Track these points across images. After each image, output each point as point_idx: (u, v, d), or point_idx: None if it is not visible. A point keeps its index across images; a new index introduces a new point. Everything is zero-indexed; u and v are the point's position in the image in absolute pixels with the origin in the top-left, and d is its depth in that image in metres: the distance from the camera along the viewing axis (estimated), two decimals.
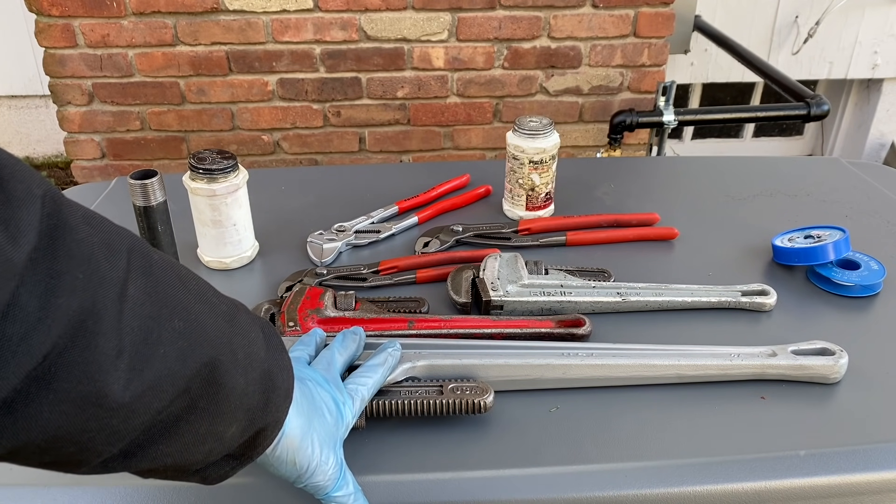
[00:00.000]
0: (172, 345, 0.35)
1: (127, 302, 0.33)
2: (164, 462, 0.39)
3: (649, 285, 0.74)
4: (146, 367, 0.34)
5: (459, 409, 0.55)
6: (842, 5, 2.58)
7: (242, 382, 0.40)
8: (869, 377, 0.63)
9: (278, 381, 0.43)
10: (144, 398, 0.34)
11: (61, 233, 0.31)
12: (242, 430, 0.41)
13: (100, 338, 0.32)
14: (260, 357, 0.42)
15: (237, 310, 0.43)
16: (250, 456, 0.43)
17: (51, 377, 0.30)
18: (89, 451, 0.35)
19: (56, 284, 0.30)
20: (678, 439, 0.56)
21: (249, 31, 1.89)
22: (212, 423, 0.39)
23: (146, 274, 0.35)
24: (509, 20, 1.91)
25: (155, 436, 0.36)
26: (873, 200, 0.96)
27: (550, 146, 0.87)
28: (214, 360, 0.38)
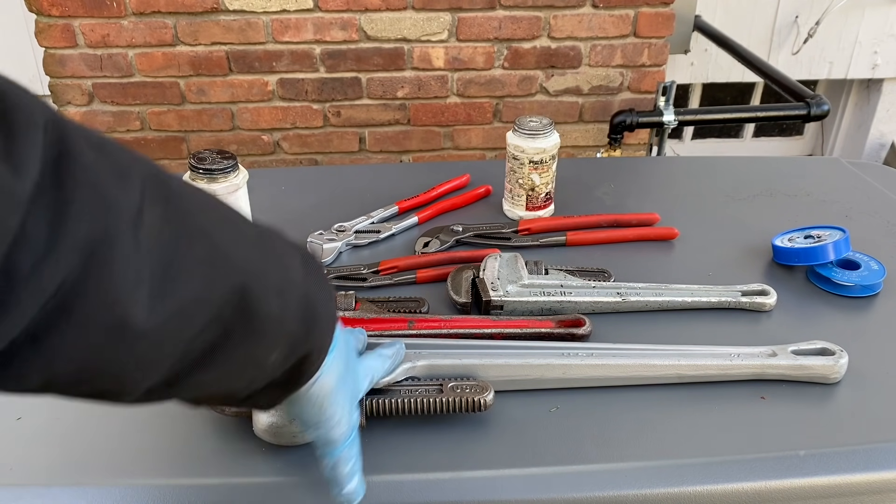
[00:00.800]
0: (196, 271, 0.35)
1: (142, 229, 0.32)
2: (207, 391, 0.39)
3: (649, 285, 0.74)
4: (168, 295, 0.33)
5: (459, 408, 0.55)
6: (842, 5, 2.58)
7: (278, 308, 0.39)
8: (869, 377, 0.63)
9: (320, 307, 0.42)
10: (171, 326, 0.34)
11: (66, 161, 0.30)
12: (284, 357, 0.41)
13: (114, 266, 0.31)
14: (297, 283, 0.41)
15: (270, 236, 0.42)
16: (296, 383, 0.43)
17: (69, 307, 0.30)
18: (125, 381, 0.35)
19: (63, 213, 0.29)
20: (678, 439, 0.56)
21: (249, 31, 1.89)
22: (249, 350, 0.38)
23: (164, 201, 0.34)
24: (509, 20, 1.91)
25: (193, 364, 0.36)
26: (873, 200, 0.96)
27: (550, 146, 0.87)
28: (244, 286, 0.37)
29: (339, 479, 0.48)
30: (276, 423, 0.53)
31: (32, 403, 0.60)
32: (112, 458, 0.54)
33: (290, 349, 0.41)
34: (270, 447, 0.54)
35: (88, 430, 0.57)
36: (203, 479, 0.52)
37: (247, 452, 0.54)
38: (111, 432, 0.57)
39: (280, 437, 0.53)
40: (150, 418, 0.58)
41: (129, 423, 0.58)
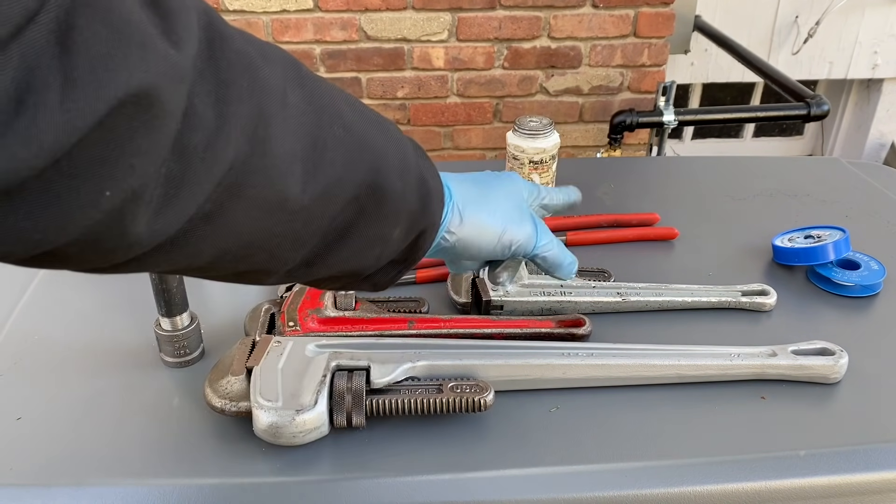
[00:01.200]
0: (337, 151, 0.37)
1: (289, 109, 0.34)
2: (340, 268, 0.41)
3: (649, 285, 0.74)
4: (318, 172, 0.36)
5: (459, 408, 0.55)
6: (842, 5, 2.58)
7: (401, 186, 0.41)
8: (869, 377, 0.63)
9: (431, 185, 0.45)
10: (321, 202, 0.36)
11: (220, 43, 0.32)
12: (406, 233, 0.43)
13: (273, 143, 0.33)
14: (413, 163, 0.44)
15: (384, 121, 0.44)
16: (413, 259, 0.46)
17: (239, 184, 0.32)
18: (277, 259, 0.37)
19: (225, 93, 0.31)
20: (678, 439, 0.56)
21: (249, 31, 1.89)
22: (379, 226, 0.41)
23: (301, 84, 0.36)
24: (509, 20, 1.91)
25: (331, 242, 0.39)
26: (873, 200, 0.96)
27: (550, 146, 0.87)
28: (376, 166, 0.39)
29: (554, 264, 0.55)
30: (276, 423, 0.53)
31: (32, 403, 0.60)
32: (112, 458, 0.54)
33: (410, 225, 0.43)
34: (270, 447, 0.54)
35: (88, 430, 0.57)
36: (203, 479, 0.52)
37: (247, 452, 0.54)
38: (111, 432, 0.57)
39: (280, 437, 0.53)
40: (150, 418, 0.58)
41: (129, 422, 0.58)
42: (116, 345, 0.66)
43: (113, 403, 0.60)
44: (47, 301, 0.73)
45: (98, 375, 0.63)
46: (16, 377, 0.63)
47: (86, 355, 0.65)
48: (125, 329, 0.69)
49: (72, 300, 0.73)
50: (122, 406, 0.60)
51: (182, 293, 0.61)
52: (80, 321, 0.70)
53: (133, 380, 0.63)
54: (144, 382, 0.62)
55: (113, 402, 0.60)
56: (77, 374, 0.63)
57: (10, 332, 0.69)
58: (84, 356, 0.65)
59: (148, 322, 0.64)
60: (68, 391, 0.61)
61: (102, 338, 0.67)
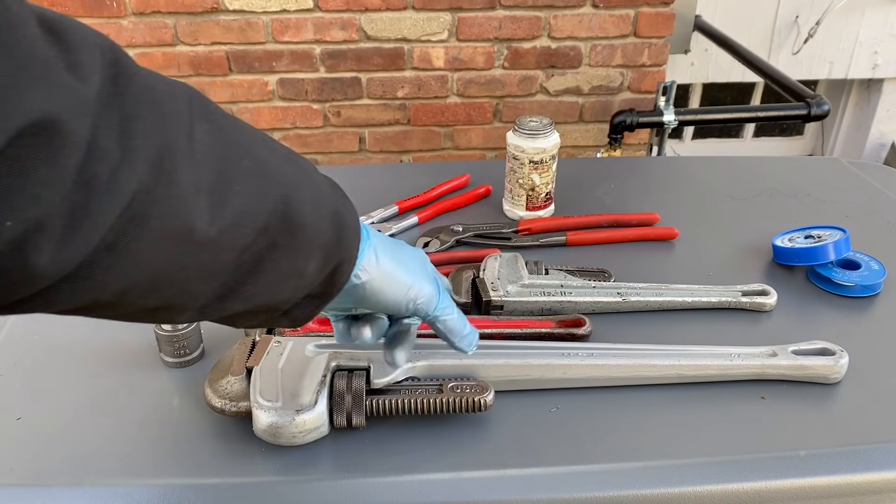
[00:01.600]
0: (245, 183, 0.37)
1: (196, 143, 0.35)
2: (255, 303, 0.41)
3: (649, 285, 0.74)
4: (226, 204, 0.36)
5: (459, 408, 0.55)
6: (842, 5, 2.58)
7: (314, 219, 0.42)
8: (869, 377, 0.63)
9: (347, 219, 0.45)
10: (229, 234, 0.36)
11: (125, 78, 0.32)
12: (321, 266, 0.44)
13: (179, 175, 0.33)
14: (326, 196, 0.44)
15: (295, 154, 0.44)
16: (330, 293, 0.46)
17: (143, 215, 0.32)
18: (187, 293, 0.37)
19: (130, 126, 0.31)
20: (678, 439, 0.56)
21: (249, 31, 1.89)
22: (292, 259, 0.41)
23: (208, 119, 0.37)
24: (509, 20, 1.91)
25: (244, 274, 0.39)
26: (873, 200, 0.96)
27: (550, 146, 0.87)
28: (287, 197, 0.40)
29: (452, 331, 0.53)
30: (276, 423, 0.53)
31: (32, 403, 0.60)
32: (112, 458, 0.54)
33: (325, 258, 0.44)
34: (270, 447, 0.54)
35: (88, 430, 0.57)
36: (203, 479, 0.52)
37: (247, 452, 0.54)
38: (111, 432, 0.57)
39: (280, 437, 0.53)
40: (150, 418, 0.58)
41: (129, 422, 0.58)
42: (116, 345, 0.66)
43: (113, 403, 0.60)
44: None
45: (98, 375, 0.63)
46: (16, 377, 0.63)
47: (86, 355, 0.65)
48: (125, 329, 0.68)
49: None
50: (122, 406, 0.60)
51: None
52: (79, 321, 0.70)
53: (133, 380, 0.63)
54: (144, 382, 0.62)
55: (113, 402, 0.60)
56: (77, 374, 0.63)
57: (10, 332, 0.69)
58: (84, 356, 0.65)
59: None
60: (68, 391, 0.61)
61: (102, 338, 0.67)
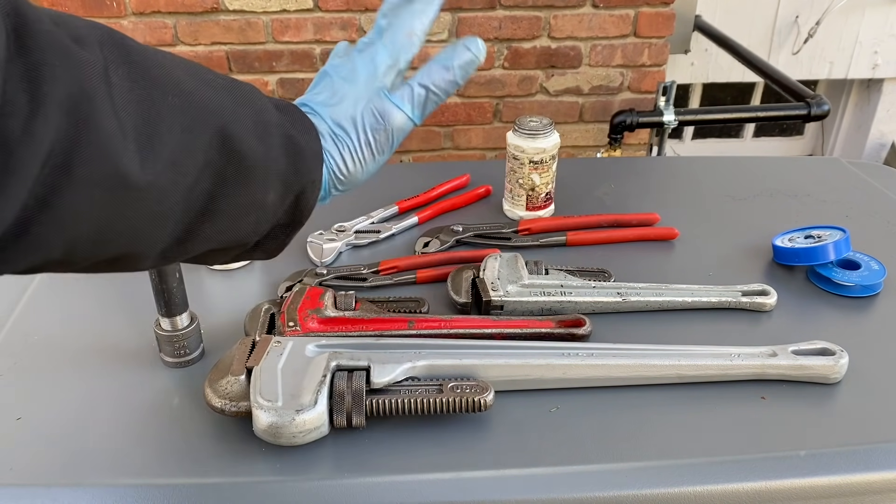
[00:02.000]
0: (174, 120, 0.36)
1: (113, 87, 0.34)
2: (218, 241, 0.40)
3: (649, 285, 0.74)
4: (156, 144, 0.35)
5: (459, 408, 0.55)
6: (842, 5, 2.58)
7: (261, 148, 0.40)
8: (869, 377, 0.63)
9: (302, 142, 0.43)
10: (167, 175, 0.35)
11: (26, 28, 0.31)
12: (281, 196, 0.42)
13: (99, 121, 0.32)
14: (274, 123, 0.42)
15: (238, 84, 0.43)
16: (299, 220, 0.45)
17: (67, 164, 0.31)
18: (141, 241, 0.36)
19: (37, 75, 0.30)
20: (678, 439, 0.56)
21: (249, 31, 1.89)
22: (246, 192, 0.40)
23: (125, 62, 0.35)
24: (509, 20, 1.91)
25: (199, 215, 0.38)
26: (873, 200, 0.96)
27: (550, 146, 0.87)
28: (224, 129, 0.38)
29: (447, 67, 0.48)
30: (276, 423, 0.53)
31: (32, 403, 0.60)
32: (112, 458, 0.54)
33: (285, 187, 0.42)
34: (270, 447, 0.54)
35: (88, 430, 0.57)
36: (203, 479, 0.52)
37: (247, 452, 0.54)
38: (111, 432, 0.57)
39: (280, 437, 0.53)
40: (150, 418, 0.58)
41: (128, 423, 0.58)
42: (116, 345, 0.66)
43: (113, 403, 0.60)
44: (47, 301, 0.73)
45: (98, 375, 0.63)
46: (16, 377, 0.63)
47: (86, 355, 0.65)
48: (125, 329, 0.69)
49: (72, 300, 0.73)
50: (122, 406, 0.60)
51: (182, 293, 0.61)
52: (80, 321, 0.70)
53: (133, 380, 0.63)
54: (144, 382, 0.62)
55: (113, 402, 0.60)
56: (77, 374, 0.63)
57: (10, 332, 0.69)
58: (84, 356, 0.65)
59: (148, 322, 0.64)
60: (68, 391, 0.61)
61: (102, 338, 0.67)
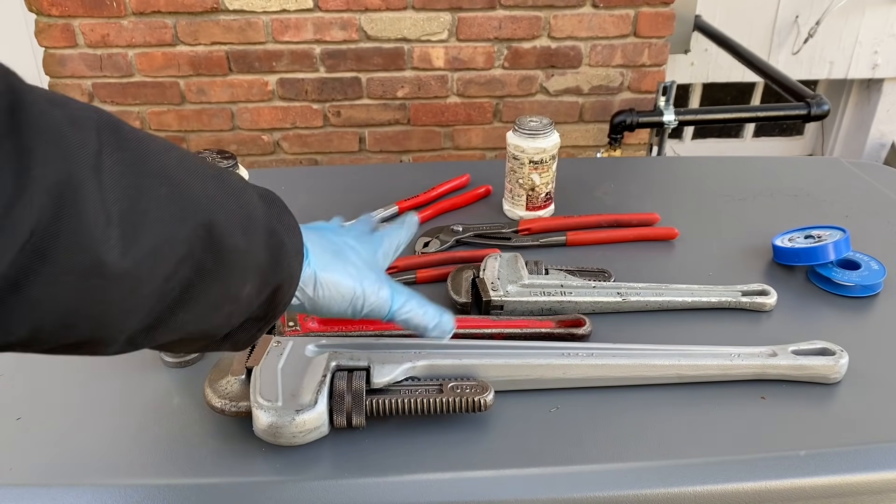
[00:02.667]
0: (163, 210, 0.36)
1: (104, 173, 0.33)
2: (187, 330, 0.40)
3: (649, 285, 0.74)
4: (140, 234, 0.34)
5: (459, 408, 0.55)
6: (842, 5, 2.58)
7: (244, 241, 0.40)
8: (869, 377, 0.63)
9: (284, 238, 0.44)
10: (147, 264, 0.35)
11: (20, 109, 0.31)
12: (258, 289, 0.42)
13: (83, 206, 0.32)
14: (259, 216, 0.42)
15: (226, 175, 0.42)
16: (273, 315, 0.45)
17: (45, 250, 0.31)
18: (108, 327, 0.36)
19: (27, 159, 0.30)
20: (678, 439, 0.56)
21: (249, 30, 1.89)
22: (223, 284, 0.39)
23: (120, 147, 0.35)
24: (509, 20, 1.91)
25: (172, 304, 0.37)
26: (873, 200, 0.96)
27: (550, 146, 0.87)
28: (210, 221, 0.38)
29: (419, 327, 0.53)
30: (276, 423, 0.53)
31: (32, 403, 0.60)
32: (112, 458, 0.54)
33: (262, 281, 0.42)
34: (270, 447, 0.54)
35: (88, 430, 0.57)
36: (203, 479, 0.52)
37: (247, 452, 0.54)
38: (111, 432, 0.57)
39: (280, 437, 0.53)
40: (150, 418, 0.58)
41: (128, 423, 0.58)
42: None
43: (113, 403, 0.60)
44: None
45: (98, 375, 0.63)
46: (16, 377, 0.63)
47: None
48: None
49: None
50: (122, 406, 0.60)
51: None
52: None
53: (133, 380, 0.63)
54: (144, 382, 0.62)
55: (113, 402, 0.60)
56: (77, 374, 0.63)
57: None
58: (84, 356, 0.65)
59: None
60: (68, 391, 0.61)
61: None
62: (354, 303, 0.49)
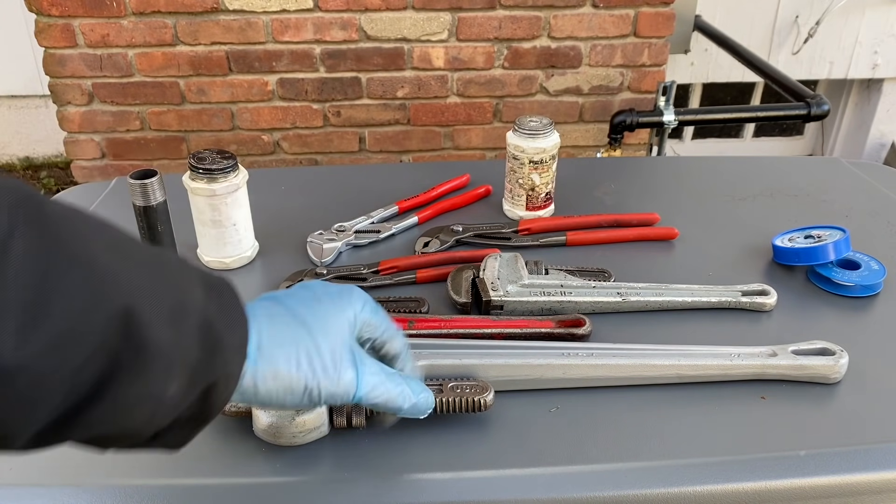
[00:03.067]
0: (73, 298, 0.32)
1: (9, 257, 0.30)
2: (102, 430, 0.36)
3: (649, 285, 0.74)
4: (42, 325, 0.31)
5: (459, 408, 0.55)
6: (842, 5, 2.58)
7: (170, 335, 0.36)
8: (869, 377, 0.63)
9: (224, 332, 0.39)
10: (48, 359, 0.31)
11: None
12: (185, 389, 0.37)
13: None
14: (195, 307, 0.38)
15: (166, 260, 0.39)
16: (206, 416, 0.40)
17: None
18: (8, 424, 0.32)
19: None
20: (678, 439, 0.56)
21: (249, 30, 1.89)
22: (142, 382, 0.35)
23: (37, 228, 0.32)
24: (509, 20, 1.91)
25: (81, 402, 0.33)
26: (873, 200, 0.96)
27: (550, 146, 0.87)
28: (130, 310, 0.34)
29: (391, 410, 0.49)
30: (276, 424, 0.53)
31: None
32: (112, 458, 0.54)
33: (190, 380, 0.37)
34: (270, 447, 0.54)
35: None
36: (203, 479, 0.52)
37: (247, 452, 0.54)
38: None
39: (280, 437, 0.53)
40: None
41: None
42: None
43: None
44: None
45: None
46: None
47: None
48: None
49: None
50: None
51: None
52: None
53: None
54: None
55: None
56: None
57: None
58: None
59: None
60: None
61: None
62: (309, 395, 0.44)
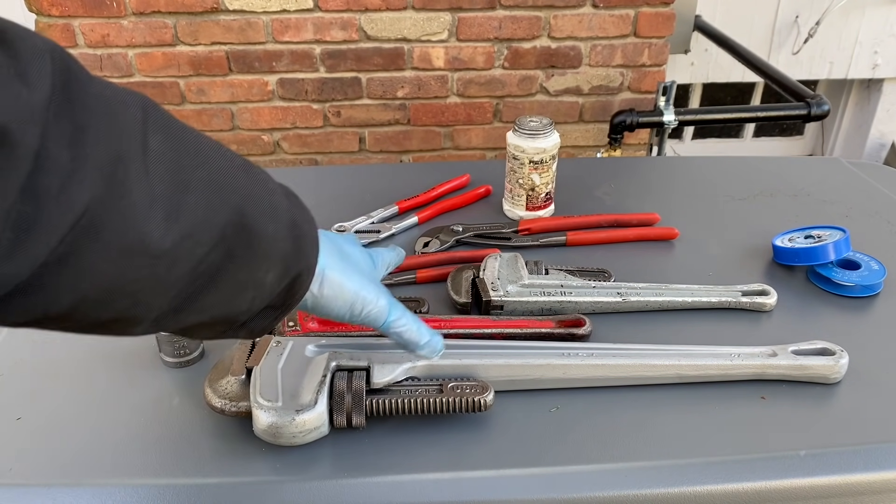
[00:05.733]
0: (201, 193, 0.37)
1: (150, 153, 0.34)
2: (212, 314, 0.41)
3: (649, 285, 0.74)
4: (181, 215, 0.35)
5: (459, 408, 0.55)
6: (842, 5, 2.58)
7: (272, 229, 0.41)
8: (869, 377, 0.63)
9: (305, 228, 0.45)
10: (184, 245, 0.35)
11: (76, 86, 0.31)
12: (280, 277, 0.43)
13: (132, 186, 0.33)
14: (283, 206, 0.43)
15: (251, 164, 0.44)
16: (290, 304, 0.46)
17: (96, 227, 0.31)
18: (142, 305, 0.36)
19: (81, 136, 0.31)
20: (678, 439, 0.56)
21: (249, 31, 1.89)
22: (250, 269, 0.41)
23: (163, 128, 0.36)
24: (509, 20, 1.91)
25: (200, 286, 0.38)
26: (873, 200, 0.96)
27: (550, 146, 0.87)
28: (243, 208, 0.39)
29: (410, 342, 0.54)
30: (276, 423, 0.53)
31: (32, 403, 0.60)
32: (112, 458, 0.54)
33: (284, 269, 0.43)
34: (270, 447, 0.54)
35: (88, 430, 0.57)
36: (203, 479, 0.52)
37: (247, 452, 0.54)
38: (111, 432, 0.57)
39: (280, 437, 0.53)
40: (150, 418, 0.58)
41: (128, 423, 0.58)
42: (116, 345, 0.66)
43: (113, 403, 0.60)
44: None
45: (98, 375, 0.63)
46: (16, 377, 0.63)
47: (86, 355, 0.65)
48: None
49: None
50: (122, 406, 0.60)
51: None
52: None
53: (133, 380, 0.63)
54: (144, 382, 0.62)
55: (113, 402, 0.60)
56: (77, 374, 0.63)
57: (10, 332, 0.68)
58: (84, 356, 0.65)
59: None
60: (68, 391, 0.61)
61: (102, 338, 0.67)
62: (354, 307, 0.50)
